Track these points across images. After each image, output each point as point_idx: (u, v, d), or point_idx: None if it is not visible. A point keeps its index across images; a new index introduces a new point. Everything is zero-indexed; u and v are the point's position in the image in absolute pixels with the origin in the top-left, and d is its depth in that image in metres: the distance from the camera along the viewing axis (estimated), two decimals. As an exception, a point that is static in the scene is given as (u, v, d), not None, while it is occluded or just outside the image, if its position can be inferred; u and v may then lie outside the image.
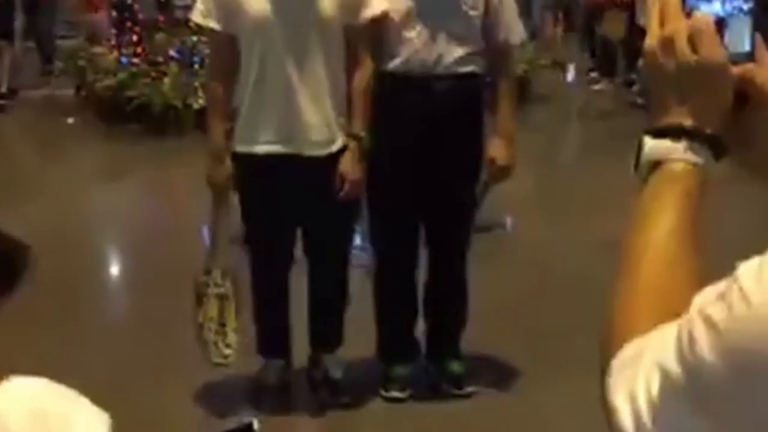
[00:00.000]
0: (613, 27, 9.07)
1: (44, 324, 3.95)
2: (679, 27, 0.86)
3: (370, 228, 3.35)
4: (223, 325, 3.14)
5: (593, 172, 6.59)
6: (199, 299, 3.14)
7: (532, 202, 5.89)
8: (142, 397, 3.29)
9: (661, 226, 0.82)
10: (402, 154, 3.11)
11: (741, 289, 0.65)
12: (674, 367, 0.68)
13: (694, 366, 0.67)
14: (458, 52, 3.05)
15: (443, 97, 3.06)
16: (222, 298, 3.13)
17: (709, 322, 0.66)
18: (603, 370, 0.76)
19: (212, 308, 3.13)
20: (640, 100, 8.45)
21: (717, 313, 0.66)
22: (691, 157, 0.85)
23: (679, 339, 0.68)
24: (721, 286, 0.69)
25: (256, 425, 0.70)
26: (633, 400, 0.70)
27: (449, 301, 3.38)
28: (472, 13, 3.06)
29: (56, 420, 0.62)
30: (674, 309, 0.72)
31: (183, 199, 6.10)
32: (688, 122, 0.86)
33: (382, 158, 3.09)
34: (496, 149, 3.18)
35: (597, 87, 9.72)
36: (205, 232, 3.22)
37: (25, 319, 3.98)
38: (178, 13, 8.26)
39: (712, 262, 0.84)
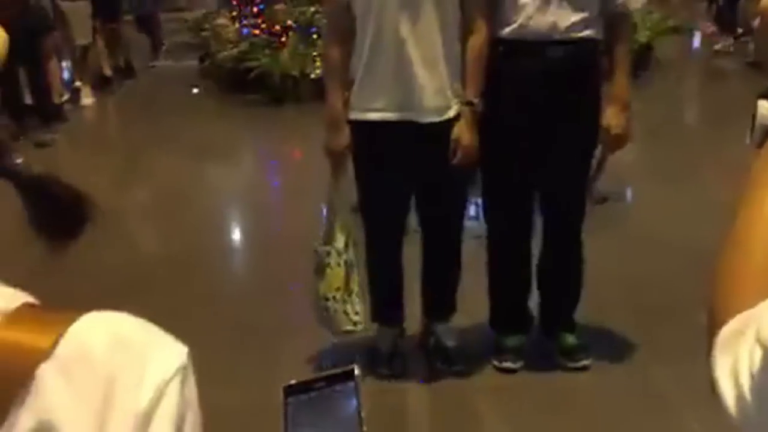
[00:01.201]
0: None
1: (163, 291, 4.11)
2: None
3: (484, 197, 3.31)
4: (349, 294, 3.16)
5: (716, 141, 6.36)
6: (321, 269, 3.15)
7: (652, 172, 5.72)
8: (258, 361, 3.39)
9: None
10: (516, 122, 3.06)
11: None
12: None
13: None
14: (573, 17, 2.97)
15: (558, 63, 2.99)
16: (347, 265, 3.15)
17: None
18: (709, 343, 0.74)
19: (337, 278, 3.14)
20: (750, 59, 8.15)
21: None
22: None
23: None
24: None
25: (356, 371, 0.71)
26: (735, 375, 0.68)
27: (563, 274, 3.33)
28: (587, -23, 2.97)
29: (137, 346, 0.65)
30: None
31: (301, 168, 6.20)
32: None
33: (497, 126, 3.05)
34: (610, 117, 3.09)
35: (718, 47, 9.39)
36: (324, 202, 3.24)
37: (155, 283, 4.19)
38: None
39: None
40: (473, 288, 3.39)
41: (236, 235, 5.37)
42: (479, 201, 3.47)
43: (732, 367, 0.69)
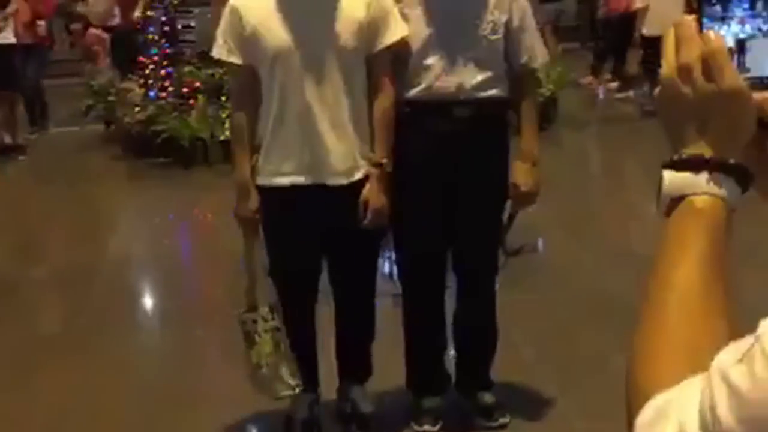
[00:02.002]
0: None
1: (80, 353, 3.96)
2: (697, 53, 0.81)
3: (397, 257, 3.30)
4: (281, 358, 3.10)
5: (620, 190, 6.52)
6: (250, 338, 3.10)
7: (562, 223, 5.81)
8: (173, 430, 3.28)
9: (686, 267, 0.77)
10: (426, 181, 3.07)
11: (764, 351, 0.61)
12: (695, 431, 0.64)
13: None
14: (479, 76, 3.01)
15: (466, 122, 3.02)
16: (274, 331, 3.10)
17: (730, 386, 0.62)
18: (629, 423, 0.71)
19: (267, 345, 3.09)
20: (649, 107, 8.50)
21: (738, 377, 0.62)
22: (714, 189, 0.80)
23: (701, 402, 0.64)
24: (743, 344, 0.64)
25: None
26: None
27: (478, 332, 3.31)
28: (492, 37, 3.02)
29: None
30: (701, 361, 0.68)
31: (214, 231, 6.10)
32: (709, 153, 0.81)
33: (406, 187, 3.05)
34: (519, 174, 3.13)
35: (620, 96, 9.72)
36: (242, 265, 3.18)
37: (63, 347, 4.04)
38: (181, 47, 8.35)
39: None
40: (389, 349, 3.34)
41: (147, 304, 5.22)
42: (393, 259, 3.46)
43: None
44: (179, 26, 8.42)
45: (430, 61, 3.00)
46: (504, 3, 3.03)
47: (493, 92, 3.04)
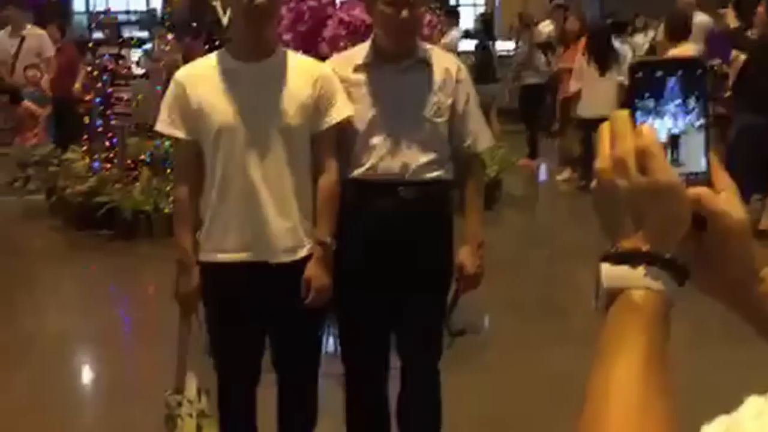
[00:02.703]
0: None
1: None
2: (631, 146, 0.81)
3: (340, 339, 3.26)
4: None
5: (563, 270, 6.57)
6: (171, 421, 3.01)
7: (506, 304, 5.82)
8: None
9: (626, 366, 0.75)
10: (369, 261, 3.05)
11: None
12: None
13: None
14: (424, 158, 3.02)
15: (410, 204, 3.02)
16: (200, 416, 3.01)
17: None
18: None
19: (189, 429, 2.99)
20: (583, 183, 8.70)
21: None
22: (651, 283, 0.79)
23: None
24: None
25: None
26: None
27: (421, 413, 3.25)
28: (436, 120, 3.05)
29: None
30: None
31: (155, 306, 5.97)
32: (645, 247, 0.80)
33: (349, 265, 3.02)
34: (464, 257, 3.13)
35: (561, 177, 9.92)
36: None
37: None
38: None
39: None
40: (332, 430, 3.26)
41: (84, 379, 5.06)
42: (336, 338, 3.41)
43: None
44: (114, 98, 8.37)
45: (375, 141, 3.01)
46: (448, 86, 3.07)
47: (437, 174, 3.05)
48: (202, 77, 2.96)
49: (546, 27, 12.02)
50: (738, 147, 6.80)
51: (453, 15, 12.54)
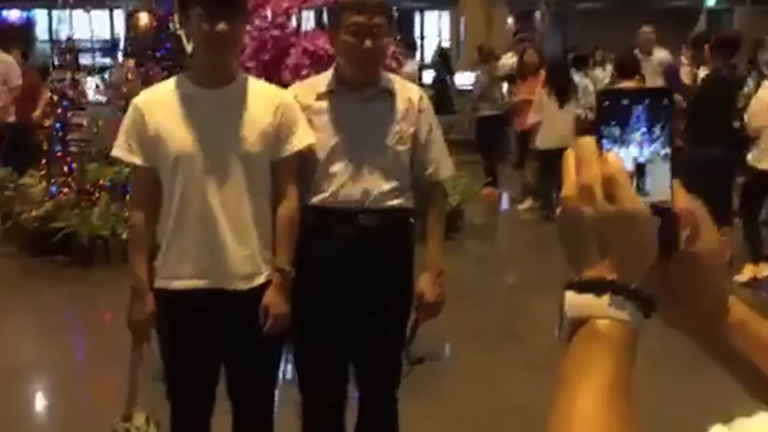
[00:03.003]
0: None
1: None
2: (597, 173, 0.80)
3: (298, 367, 3.21)
4: None
5: (526, 300, 6.58)
6: None
7: (467, 333, 5.81)
8: None
9: (590, 395, 0.74)
10: (328, 289, 3.02)
11: None
12: None
13: None
14: (385, 186, 3.01)
15: (370, 231, 3.00)
16: None
17: None
18: None
19: None
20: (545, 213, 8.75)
21: None
22: (616, 313, 0.78)
23: None
24: None
25: None
26: None
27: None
28: (399, 148, 3.04)
29: None
30: None
31: (110, 333, 5.85)
32: (610, 276, 0.79)
33: (308, 294, 2.99)
34: (424, 285, 3.11)
35: (523, 206, 9.98)
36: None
37: None
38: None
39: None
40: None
41: (38, 407, 4.95)
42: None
43: None
44: (73, 124, 8.28)
45: (336, 168, 2.99)
46: (411, 116, 3.06)
47: (398, 202, 3.04)
48: (160, 103, 2.93)
49: (509, 59, 12.14)
50: (693, 180, 6.87)
51: (411, 47, 12.78)
